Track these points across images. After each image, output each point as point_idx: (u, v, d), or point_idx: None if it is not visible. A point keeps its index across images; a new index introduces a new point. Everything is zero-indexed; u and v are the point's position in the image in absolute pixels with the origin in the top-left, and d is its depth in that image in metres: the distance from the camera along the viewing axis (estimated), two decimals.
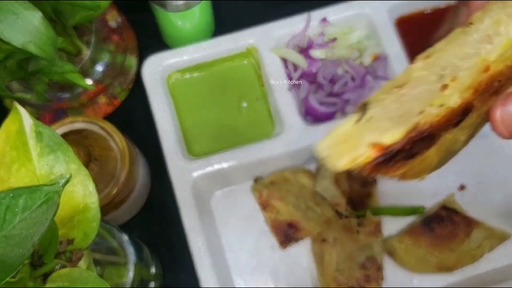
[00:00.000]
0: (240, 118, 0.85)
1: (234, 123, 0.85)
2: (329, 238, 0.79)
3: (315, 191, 0.82)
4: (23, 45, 0.60)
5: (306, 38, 0.87)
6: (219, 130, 0.85)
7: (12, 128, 0.45)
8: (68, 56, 0.79)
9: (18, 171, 0.45)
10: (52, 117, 0.87)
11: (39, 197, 0.37)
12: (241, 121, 0.85)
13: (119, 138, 0.73)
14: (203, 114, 0.85)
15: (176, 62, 0.84)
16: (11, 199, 0.37)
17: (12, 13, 0.59)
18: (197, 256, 0.76)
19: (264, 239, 0.83)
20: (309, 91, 0.85)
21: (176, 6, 0.81)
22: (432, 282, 0.81)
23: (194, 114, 0.85)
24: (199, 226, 0.77)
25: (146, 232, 0.86)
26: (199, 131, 0.85)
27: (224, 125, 0.85)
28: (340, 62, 0.85)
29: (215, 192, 0.85)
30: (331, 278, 0.78)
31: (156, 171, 0.88)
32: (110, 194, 0.71)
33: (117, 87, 0.87)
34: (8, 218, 0.36)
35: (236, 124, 0.85)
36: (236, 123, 0.85)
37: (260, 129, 0.85)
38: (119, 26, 0.88)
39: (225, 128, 0.85)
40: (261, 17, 0.90)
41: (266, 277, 0.82)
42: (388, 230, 0.83)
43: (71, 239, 0.47)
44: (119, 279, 0.64)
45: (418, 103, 0.37)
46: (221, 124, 0.85)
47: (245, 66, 0.87)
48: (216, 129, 0.85)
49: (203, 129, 0.85)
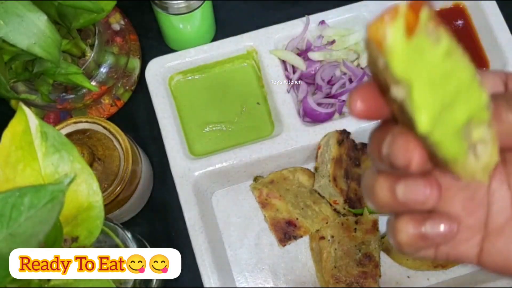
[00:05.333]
0: (240, 118, 0.86)
1: (234, 123, 0.86)
2: (327, 236, 0.80)
3: (314, 189, 0.83)
4: (28, 47, 0.61)
5: (305, 40, 0.87)
6: (220, 130, 0.85)
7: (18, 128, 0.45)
8: (72, 58, 0.79)
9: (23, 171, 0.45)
10: (56, 117, 0.87)
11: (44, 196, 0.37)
12: (241, 121, 0.86)
13: (122, 138, 0.73)
14: (204, 115, 0.86)
15: (178, 64, 0.85)
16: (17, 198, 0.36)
17: (17, 16, 0.60)
18: (198, 254, 0.77)
19: (264, 237, 0.84)
20: (307, 92, 0.85)
21: (178, 9, 0.82)
22: (428, 279, 0.81)
23: (195, 114, 0.86)
24: (200, 224, 0.78)
25: (149, 230, 0.86)
26: (201, 131, 0.85)
27: (225, 125, 0.86)
28: (338, 64, 0.86)
29: (216, 191, 0.86)
30: (329, 275, 0.78)
31: (158, 170, 0.88)
32: (113, 193, 0.72)
33: (120, 88, 0.88)
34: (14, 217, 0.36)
35: (236, 124, 0.86)
36: (236, 123, 0.86)
37: (259, 129, 0.86)
38: (122, 29, 0.89)
39: (225, 128, 0.85)
40: (261, 20, 0.91)
41: (266, 274, 0.83)
42: (385, 228, 0.83)
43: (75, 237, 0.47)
44: None
45: None
46: (222, 124, 0.86)
47: (245, 68, 0.88)
48: (217, 129, 0.85)
49: (204, 129, 0.85)
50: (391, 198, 0.36)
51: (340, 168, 0.79)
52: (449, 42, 0.30)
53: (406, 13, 0.29)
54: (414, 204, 0.35)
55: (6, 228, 0.36)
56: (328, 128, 0.81)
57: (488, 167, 0.34)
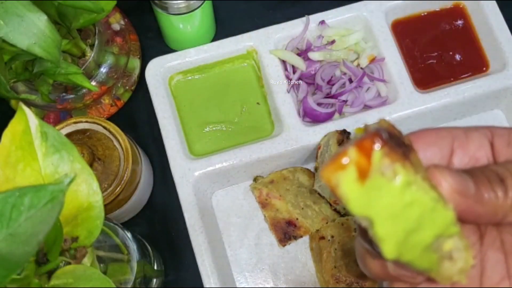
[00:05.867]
0: (240, 118, 0.86)
1: (234, 123, 0.86)
2: (327, 236, 0.80)
3: (314, 189, 0.83)
4: (28, 47, 0.61)
5: (305, 40, 0.87)
6: (220, 130, 0.86)
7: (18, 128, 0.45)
8: (72, 58, 0.79)
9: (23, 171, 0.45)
10: (56, 117, 0.87)
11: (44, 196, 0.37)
12: (242, 121, 0.86)
13: (122, 138, 0.73)
14: (204, 115, 0.86)
15: (178, 64, 0.85)
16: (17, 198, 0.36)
17: (17, 16, 0.60)
18: (198, 253, 0.77)
19: (264, 237, 0.84)
20: (307, 92, 0.85)
21: (178, 9, 0.82)
22: None
23: (195, 114, 0.86)
24: (200, 224, 0.78)
25: (149, 230, 0.86)
26: (201, 131, 0.85)
27: (225, 125, 0.86)
28: (338, 64, 0.86)
29: (216, 191, 0.86)
30: (329, 275, 0.78)
31: (158, 170, 0.89)
32: (114, 193, 0.72)
33: (120, 88, 0.88)
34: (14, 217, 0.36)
35: (236, 124, 0.86)
36: (236, 123, 0.86)
37: (259, 129, 0.86)
38: (122, 29, 0.89)
39: (225, 128, 0.86)
40: (261, 20, 0.91)
41: (266, 274, 0.83)
42: None
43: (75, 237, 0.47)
44: (122, 276, 0.64)
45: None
46: (222, 124, 0.86)
47: (245, 68, 0.88)
48: (217, 129, 0.86)
49: (204, 129, 0.86)
50: (383, 271, 0.38)
51: None
52: (406, 174, 0.31)
53: (357, 159, 0.30)
54: (406, 277, 0.37)
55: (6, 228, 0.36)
56: (328, 128, 0.81)
57: (464, 269, 0.35)
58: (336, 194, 0.31)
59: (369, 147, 0.30)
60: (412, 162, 0.32)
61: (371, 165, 0.30)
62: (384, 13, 0.86)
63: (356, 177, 0.30)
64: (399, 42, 0.87)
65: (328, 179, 0.30)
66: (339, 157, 0.30)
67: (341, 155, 0.30)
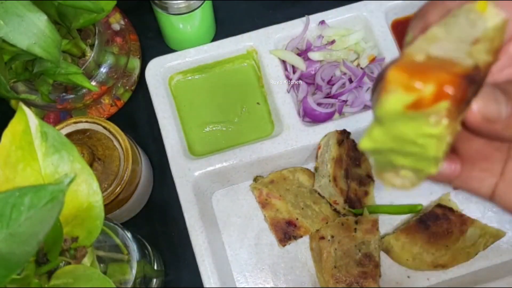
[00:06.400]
0: (240, 118, 0.86)
1: (234, 123, 0.86)
2: (327, 235, 0.80)
3: (314, 189, 0.83)
4: (28, 47, 0.61)
5: (305, 40, 0.88)
6: (220, 130, 0.86)
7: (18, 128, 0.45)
8: (72, 58, 0.79)
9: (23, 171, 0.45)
10: (56, 117, 0.88)
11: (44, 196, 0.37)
12: (241, 121, 0.86)
13: (122, 138, 0.73)
14: (204, 115, 0.86)
15: (178, 64, 0.85)
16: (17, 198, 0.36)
17: (17, 16, 0.59)
18: (198, 253, 0.77)
19: (264, 237, 0.84)
20: (307, 92, 0.86)
21: (178, 9, 0.82)
22: (428, 279, 0.82)
23: (195, 114, 0.86)
24: (200, 224, 0.78)
25: (149, 230, 0.87)
26: (201, 131, 0.85)
27: (225, 125, 0.86)
28: (338, 64, 0.86)
29: (216, 191, 0.86)
30: (329, 275, 0.78)
31: (158, 170, 0.89)
32: (113, 193, 0.72)
33: (120, 88, 0.88)
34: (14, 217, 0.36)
35: (236, 124, 0.86)
36: (236, 123, 0.86)
37: (259, 129, 0.86)
38: (122, 29, 0.89)
39: (225, 128, 0.86)
40: (261, 20, 0.91)
41: (266, 274, 0.83)
42: (385, 228, 0.84)
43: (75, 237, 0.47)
44: (122, 276, 0.64)
45: (460, 52, 0.33)
46: (222, 124, 0.86)
47: (245, 68, 0.88)
48: (217, 129, 0.86)
49: (204, 129, 0.86)
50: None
51: (340, 168, 0.80)
52: (443, 130, 0.31)
53: (424, 94, 0.30)
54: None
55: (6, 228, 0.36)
56: (328, 128, 0.81)
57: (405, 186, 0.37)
58: (381, 90, 0.31)
59: (441, 94, 0.30)
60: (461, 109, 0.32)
61: (428, 107, 0.30)
62: (384, 13, 0.86)
63: (409, 103, 0.30)
64: (399, 42, 0.87)
65: (391, 79, 0.30)
66: (417, 75, 0.30)
67: (420, 76, 0.30)
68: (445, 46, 0.32)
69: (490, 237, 0.81)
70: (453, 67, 0.31)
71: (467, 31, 0.32)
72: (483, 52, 0.32)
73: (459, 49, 0.32)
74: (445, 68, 0.30)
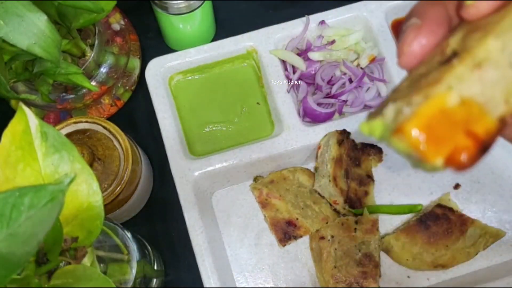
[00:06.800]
0: (240, 118, 0.86)
1: (234, 123, 0.86)
2: (327, 235, 0.80)
3: (314, 189, 0.83)
4: (28, 47, 0.61)
5: (305, 40, 0.88)
6: (220, 130, 0.86)
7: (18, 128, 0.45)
8: (72, 58, 0.79)
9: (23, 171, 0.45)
10: (56, 117, 0.88)
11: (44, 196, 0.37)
12: (241, 121, 0.86)
13: (122, 138, 0.73)
14: (204, 115, 0.86)
15: (178, 64, 0.85)
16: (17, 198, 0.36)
17: (17, 16, 0.60)
18: (198, 254, 0.77)
19: (264, 237, 0.84)
20: (307, 92, 0.86)
21: (178, 9, 0.82)
22: (428, 279, 0.82)
23: (195, 114, 0.86)
24: (200, 224, 0.78)
25: (149, 230, 0.87)
26: (201, 131, 0.85)
27: (225, 125, 0.86)
28: (338, 64, 0.86)
29: (216, 191, 0.86)
30: (329, 275, 0.78)
31: (158, 170, 0.89)
32: (113, 193, 0.72)
33: (120, 88, 0.88)
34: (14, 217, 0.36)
35: (236, 124, 0.86)
36: (236, 123, 0.86)
37: (259, 129, 0.86)
38: (122, 29, 0.89)
39: (225, 128, 0.86)
40: (261, 20, 0.91)
41: (266, 274, 0.83)
42: (385, 228, 0.84)
43: (75, 237, 0.47)
44: (122, 276, 0.64)
45: (499, 91, 0.33)
46: (222, 124, 0.86)
47: (245, 68, 0.88)
48: (217, 129, 0.86)
49: (204, 129, 0.86)
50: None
51: (340, 168, 0.80)
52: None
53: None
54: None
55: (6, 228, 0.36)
56: (328, 128, 0.81)
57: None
58: (396, 127, 0.32)
59: (451, 162, 0.31)
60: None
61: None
62: (384, 13, 0.86)
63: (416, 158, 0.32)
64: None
65: (406, 132, 0.31)
66: (432, 143, 0.31)
67: (435, 145, 0.31)
68: (490, 76, 0.32)
69: (490, 237, 0.81)
70: (479, 122, 0.31)
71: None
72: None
73: (500, 83, 0.32)
74: (469, 126, 0.31)
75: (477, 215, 0.83)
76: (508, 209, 0.84)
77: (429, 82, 0.32)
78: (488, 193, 0.85)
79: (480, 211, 0.84)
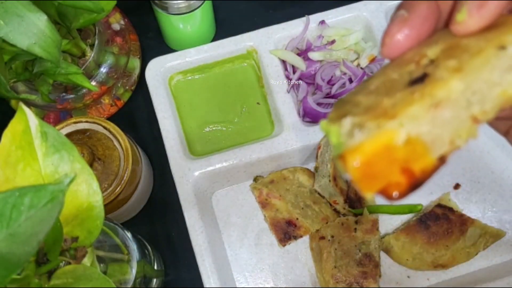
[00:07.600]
0: (240, 118, 0.86)
1: (234, 123, 0.86)
2: (327, 235, 0.80)
3: (314, 189, 0.83)
4: (28, 47, 0.61)
5: (305, 40, 0.88)
6: (220, 130, 0.85)
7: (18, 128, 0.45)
8: (72, 58, 0.79)
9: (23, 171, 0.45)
10: (56, 117, 0.87)
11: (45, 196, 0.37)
12: (241, 121, 0.86)
13: (122, 138, 0.73)
14: (204, 115, 0.86)
15: (178, 64, 0.85)
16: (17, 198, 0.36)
17: (17, 16, 0.60)
18: (198, 254, 0.77)
19: (264, 237, 0.84)
20: (307, 92, 0.86)
21: (178, 9, 0.82)
22: (428, 279, 0.82)
23: (195, 114, 0.86)
24: (200, 224, 0.78)
25: (149, 230, 0.87)
26: (201, 131, 0.85)
27: (225, 125, 0.86)
28: (338, 63, 0.86)
29: (216, 191, 0.86)
30: (329, 275, 0.78)
31: (158, 170, 0.89)
32: (114, 193, 0.72)
33: (120, 88, 0.88)
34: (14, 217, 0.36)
35: (236, 124, 0.86)
36: (236, 123, 0.86)
37: (259, 129, 0.86)
38: (122, 29, 0.89)
39: (225, 128, 0.85)
40: (261, 20, 0.91)
41: (266, 274, 0.83)
42: (385, 228, 0.84)
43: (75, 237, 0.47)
44: (122, 276, 0.64)
45: (448, 131, 0.33)
46: (222, 124, 0.86)
47: (245, 68, 0.88)
48: (217, 129, 0.86)
49: (204, 129, 0.85)
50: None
51: None
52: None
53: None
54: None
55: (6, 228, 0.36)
56: None
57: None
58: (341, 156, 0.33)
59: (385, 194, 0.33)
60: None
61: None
62: (384, 13, 0.86)
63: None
64: None
65: (347, 159, 0.32)
66: (367, 177, 0.32)
67: (370, 180, 0.32)
68: (444, 116, 0.33)
69: (490, 237, 0.81)
70: (419, 160, 0.32)
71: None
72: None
73: (451, 124, 0.33)
74: (408, 164, 0.32)
75: (477, 215, 0.83)
76: (508, 209, 0.84)
77: (386, 111, 0.32)
78: (488, 193, 0.85)
79: (480, 211, 0.84)
